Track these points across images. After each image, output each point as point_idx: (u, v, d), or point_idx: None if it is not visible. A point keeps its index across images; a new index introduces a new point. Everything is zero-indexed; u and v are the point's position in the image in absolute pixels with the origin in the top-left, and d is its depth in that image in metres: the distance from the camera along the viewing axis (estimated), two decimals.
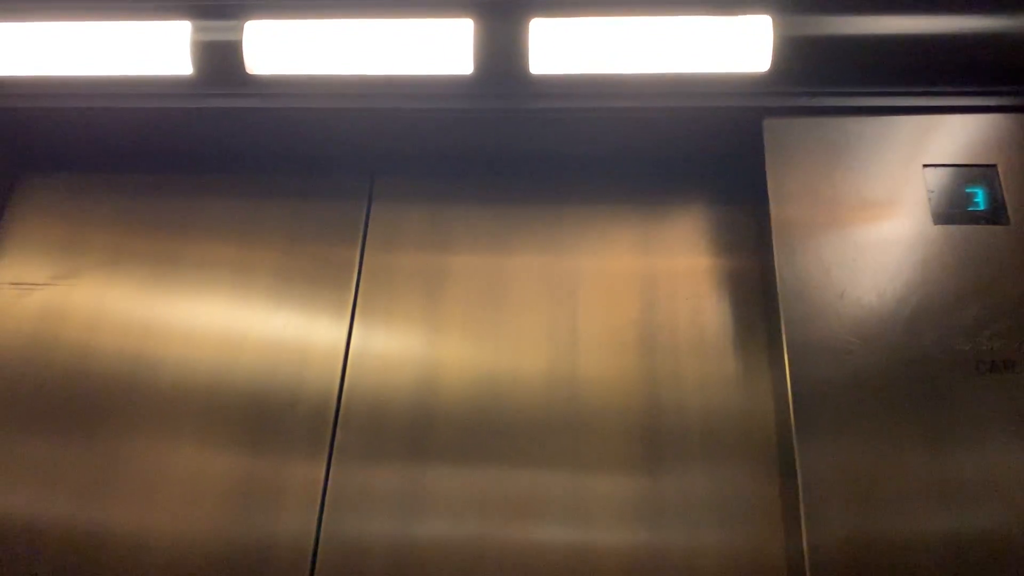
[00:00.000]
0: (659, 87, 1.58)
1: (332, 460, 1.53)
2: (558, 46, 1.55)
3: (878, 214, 1.46)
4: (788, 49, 1.52)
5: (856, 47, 1.52)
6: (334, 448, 1.54)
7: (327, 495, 1.50)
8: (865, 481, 1.28)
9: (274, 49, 1.61)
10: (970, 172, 1.48)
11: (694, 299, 1.62)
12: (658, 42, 1.54)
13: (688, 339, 1.58)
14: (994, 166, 1.48)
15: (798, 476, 1.29)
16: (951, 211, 1.45)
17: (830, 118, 1.55)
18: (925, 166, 1.49)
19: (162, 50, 1.63)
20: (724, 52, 1.54)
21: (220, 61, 1.61)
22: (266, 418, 1.57)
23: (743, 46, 1.53)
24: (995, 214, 1.44)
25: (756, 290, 1.61)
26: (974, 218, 1.44)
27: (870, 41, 1.51)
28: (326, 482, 1.51)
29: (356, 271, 1.70)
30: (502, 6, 1.55)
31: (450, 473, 1.50)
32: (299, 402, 1.58)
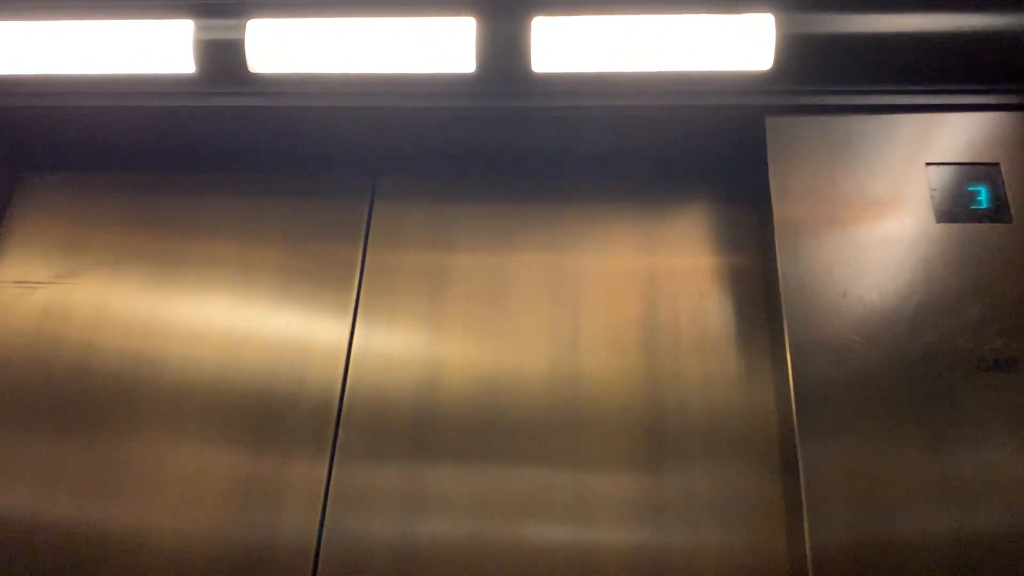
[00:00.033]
0: (661, 86, 1.58)
1: (334, 459, 1.53)
2: (560, 44, 1.55)
3: (880, 212, 1.46)
4: (791, 47, 1.52)
5: (859, 45, 1.52)
6: (336, 447, 1.54)
7: (329, 494, 1.50)
8: (868, 480, 1.28)
9: (276, 48, 1.61)
10: (973, 170, 1.48)
11: (696, 298, 1.62)
12: (660, 40, 1.54)
13: (690, 338, 1.58)
14: (997, 164, 1.47)
15: (800, 475, 1.29)
16: (954, 209, 1.45)
17: (833, 116, 1.55)
18: (928, 164, 1.49)
19: (164, 49, 1.63)
20: (726, 50, 1.53)
21: (222, 60, 1.62)
22: (268, 417, 1.58)
23: (746, 44, 1.53)
24: (998, 212, 1.44)
25: (758, 289, 1.61)
26: (977, 216, 1.44)
27: (873, 39, 1.51)
28: (328, 481, 1.51)
29: (358, 270, 1.70)
30: (504, 4, 1.55)
31: (452, 472, 1.50)
32: (301, 401, 1.58)
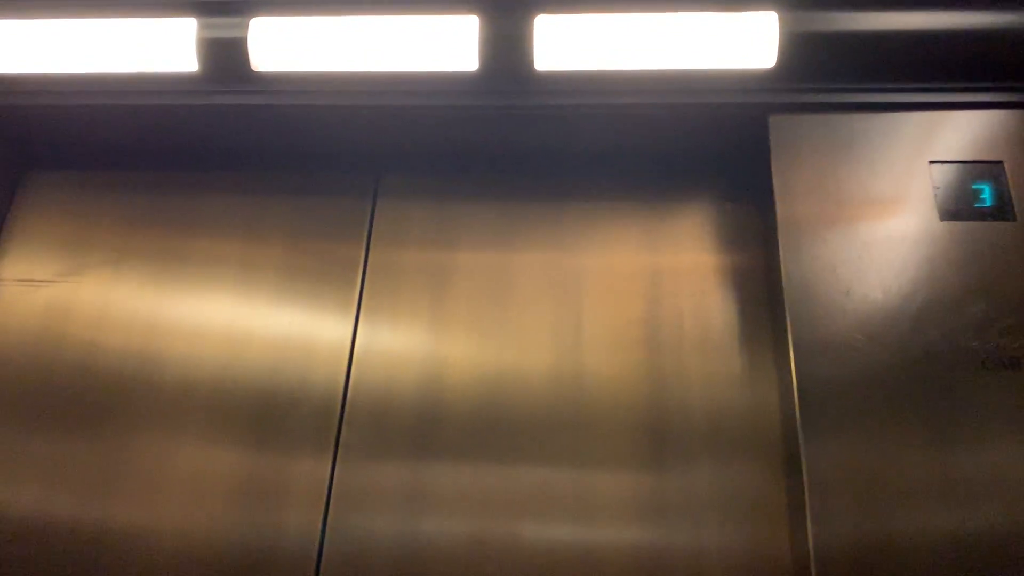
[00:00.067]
0: (664, 84, 1.57)
1: (337, 457, 1.53)
2: (563, 43, 1.55)
3: (884, 211, 1.46)
4: (794, 45, 1.51)
5: (862, 43, 1.51)
6: (339, 445, 1.54)
7: (332, 492, 1.50)
8: (871, 478, 1.27)
9: (279, 46, 1.60)
10: (976, 168, 1.48)
11: (699, 296, 1.62)
12: (663, 38, 1.54)
13: (693, 336, 1.58)
14: (1000, 162, 1.47)
15: (803, 474, 1.29)
16: (957, 207, 1.45)
17: (836, 114, 1.54)
18: (931, 162, 1.49)
19: (167, 47, 1.63)
20: (730, 48, 1.53)
21: (225, 58, 1.62)
22: (271, 415, 1.58)
23: (749, 42, 1.52)
24: (1001, 210, 1.44)
25: (761, 287, 1.60)
26: (980, 214, 1.44)
27: (876, 37, 1.51)
28: (331, 480, 1.51)
29: (361, 268, 1.70)
30: (507, 2, 1.55)
31: (455, 470, 1.50)
32: (304, 400, 1.58)
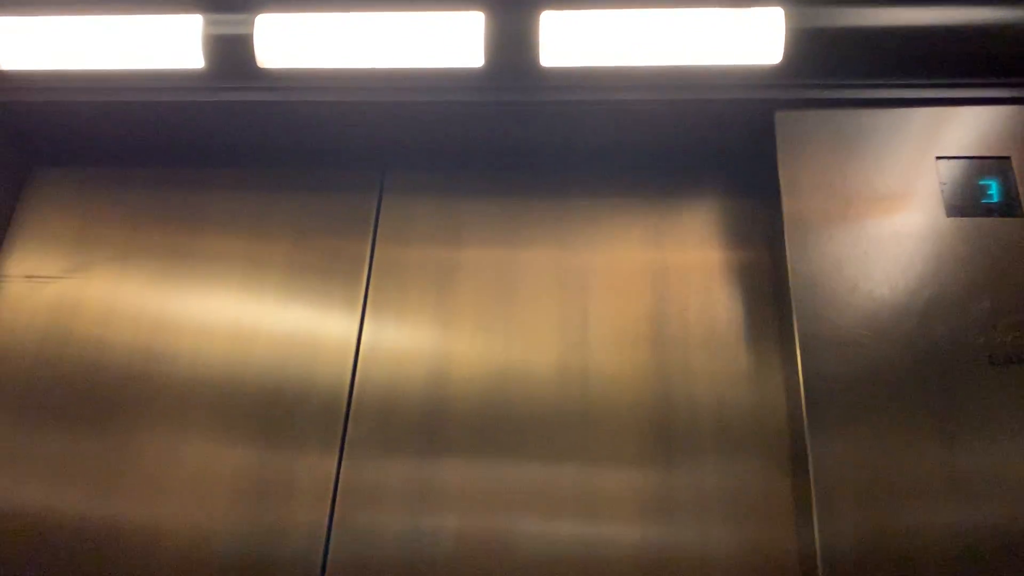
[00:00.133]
0: (670, 80, 1.57)
1: (344, 454, 1.53)
2: (569, 39, 1.55)
3: (890, 207, 1.45)
4: (800, 41, 1.51)
5: (868, 39, 1.51)
6: (345, 442, 1.54)
7: (338, 489, 1.51)
8: (877, 475, 1.27)
9: (285, 43, 1.61)
10: (983, 164, 1.47)
11: (705, 293, 1.62)
12: (669, 34, 1.54)
13: (699, 333, 1.58)
14: (1007, 158, 1.47)
15: (810, 470, 1.29)
16: (964, 203, 1.44)
17: (842, 110, 1.54)
18: (938, 158, 1.48)
19: (174, 44, 1.63)
20: (736, 44, 1.53)
21: (231, 55, 1.62)
22: (278, 412, 1.58)
23: (755, 38, 1.52)
24: (1008, 206, 1.43)
25: (768, 283, 1.60)
26: (987, 210, 1.43)
27: (882, 33, 1.51)
28: (337, 476, 1.52)
29: (367, 265, 1.71)
30: None
31: (461, 467, 1.51)
32: (310, 396, 1.59)
